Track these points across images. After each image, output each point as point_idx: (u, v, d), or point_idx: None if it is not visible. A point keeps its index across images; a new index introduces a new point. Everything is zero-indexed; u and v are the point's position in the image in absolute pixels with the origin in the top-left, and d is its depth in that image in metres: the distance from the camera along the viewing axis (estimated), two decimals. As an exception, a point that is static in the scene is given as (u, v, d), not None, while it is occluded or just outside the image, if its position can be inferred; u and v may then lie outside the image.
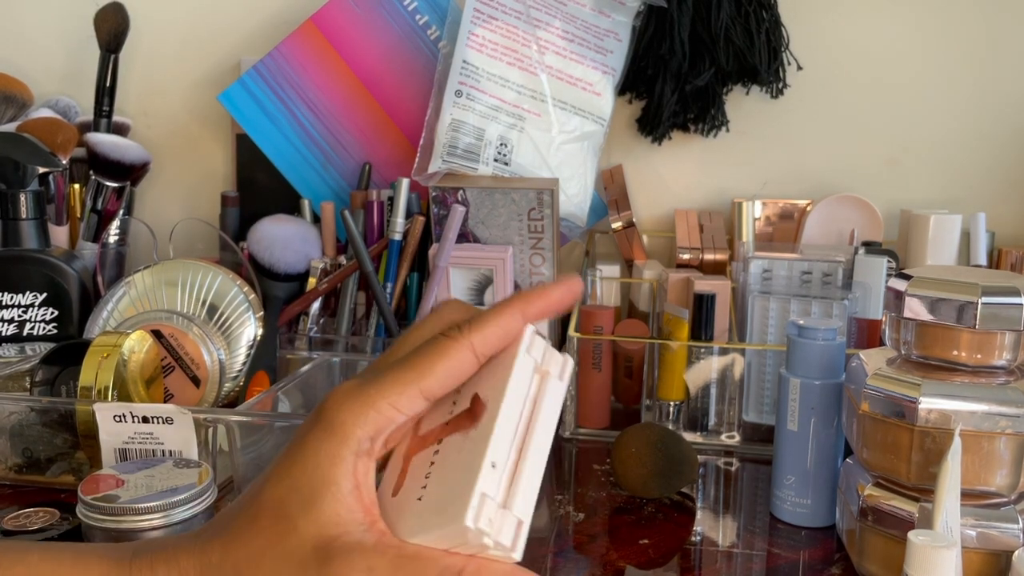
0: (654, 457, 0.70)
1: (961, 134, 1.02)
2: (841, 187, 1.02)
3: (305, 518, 0.36)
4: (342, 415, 0.37)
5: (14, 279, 0.89)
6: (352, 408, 0.37)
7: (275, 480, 0.37)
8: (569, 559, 0.64)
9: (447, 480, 0.37)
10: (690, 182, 1.06)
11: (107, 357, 0.72)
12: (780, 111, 1.02)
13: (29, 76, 1.10)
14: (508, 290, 0.92)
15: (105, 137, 1.03)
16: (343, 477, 0.36)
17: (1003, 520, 0.55)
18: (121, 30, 1.06)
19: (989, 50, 1.00)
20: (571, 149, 0.95)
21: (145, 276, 0.86)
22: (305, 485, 0.36)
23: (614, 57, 0.96)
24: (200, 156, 1.14)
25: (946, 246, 0.91)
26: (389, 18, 1.01)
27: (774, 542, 0.66)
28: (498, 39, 0.94)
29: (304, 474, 0.37)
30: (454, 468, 0.37)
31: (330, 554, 0.36)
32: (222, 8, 1.10)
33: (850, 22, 1.01)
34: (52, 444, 0.72)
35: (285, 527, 0.36)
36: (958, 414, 0.55)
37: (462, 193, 0.91)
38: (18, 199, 0.91)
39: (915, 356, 0.58)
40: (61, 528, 0.60)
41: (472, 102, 0.92)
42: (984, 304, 0.55)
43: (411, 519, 0.37)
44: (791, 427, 0.68)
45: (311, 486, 0.36)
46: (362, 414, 0.37)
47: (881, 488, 0.59)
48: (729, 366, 0.84)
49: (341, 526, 0.36)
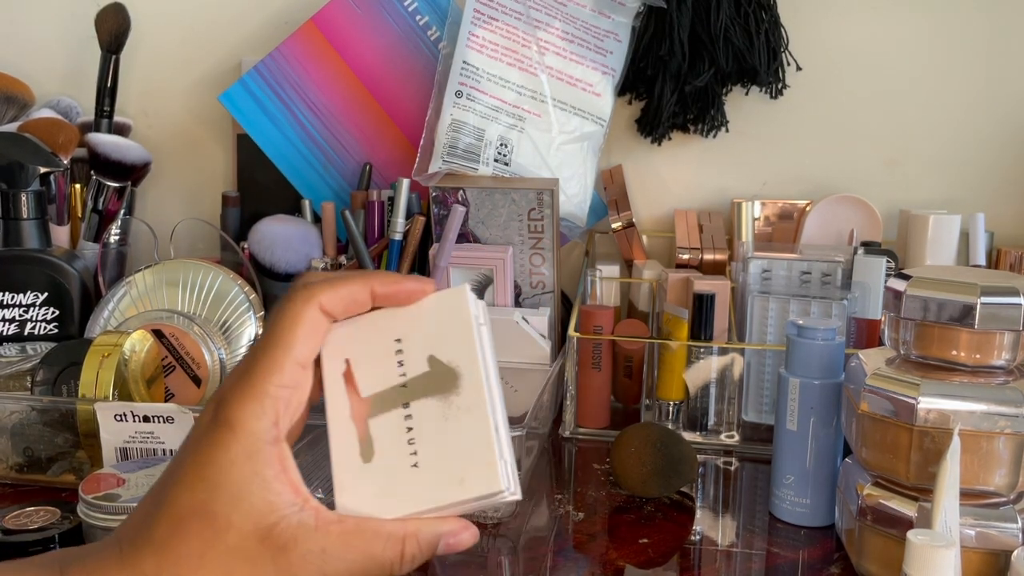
0: (654, 457, 0.70)
1: (960, 134, 1.02)
2: (840, 187, 1.02)
3: (238, 513, 0.37)
4: (238, 413, 0.37)
5: (15, 279, 0.89)
6: (244, 403, 0.38)
7: (189, 485, 0.37)
8: (569, 558, 0.64)
9: (451, 448, 0.39)
10: (690, 182, 1.06)
11: (108, 356, 0.72)
12: (779, 112, 1.03)
13: (30, 76, 1.10)
14: (508, 290, 0.92)
15: (106, 137, 1.03)
16: (264, 467, 0.37)
17: (1002, 520, 0.55)
18: (122, 30, 1.06)
19: (989, 50, 1.00)
20: (571, 149, 0.95)
21: (146, 276, 0.86)
22: (226, 484, 0.37)
23: (614, 58, 0.96)
24: (201, 156, 1.14)
25: (945, 246, 0.91)
26: (389, 19, 1.01)
27: (773, 541, 0.66)
28: (498, 40, 0.94)
29: (222, 473, 0.37)
30: (455, 436, 0.39)
31: (278, 543, 0.36)
32: (223, 8, 1.10)
33: (849, 23, 1.01)
34: (53, 443, 0.72)
35: (220, 525, 0.36)
36: (957, 414, 0.55)
37: (462, 193, 0.91)
38: (19, 199, 0.91)
39: (914, 356, 0.58)
40: (62, 527, 0.60)
41: (472, 102, 0.93)
42: (983, 304, 0.55)
43: (414, 487, 0.38)
44: (790, 427, 0.68)
45: (234, 483, 0.37)
46: (256, 405, 0.38)
47: (880, 488, 0.59)
48: (728, 366, 0.84)
49: (276, 512, 0.37)
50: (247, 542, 0.36)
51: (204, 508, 0.37)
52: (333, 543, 0.37)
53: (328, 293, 0.40)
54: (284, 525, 0.37)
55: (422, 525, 0.39)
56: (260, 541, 0.36)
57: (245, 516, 0.36)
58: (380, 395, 0.41)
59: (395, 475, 0.39)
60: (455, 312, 0.41)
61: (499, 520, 0.68)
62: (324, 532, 0.37)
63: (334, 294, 0.40)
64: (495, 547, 0.65)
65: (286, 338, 0.39)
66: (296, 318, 0.39)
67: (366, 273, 0.42)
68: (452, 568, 0.63)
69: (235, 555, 0.36)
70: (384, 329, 0.42)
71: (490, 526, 0.68)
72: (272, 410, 0.38)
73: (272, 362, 0.38)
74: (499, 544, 0.66)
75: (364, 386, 0.41)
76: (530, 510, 0.71)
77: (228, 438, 0.37)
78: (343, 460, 0.40)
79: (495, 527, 0.68)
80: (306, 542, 0.37)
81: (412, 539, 0.38)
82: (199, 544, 0.36)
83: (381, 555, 0.38)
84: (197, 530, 0.37)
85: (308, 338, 0.39)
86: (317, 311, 0.39)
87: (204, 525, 0.37)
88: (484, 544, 0.66)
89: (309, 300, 0.39)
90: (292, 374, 0.38)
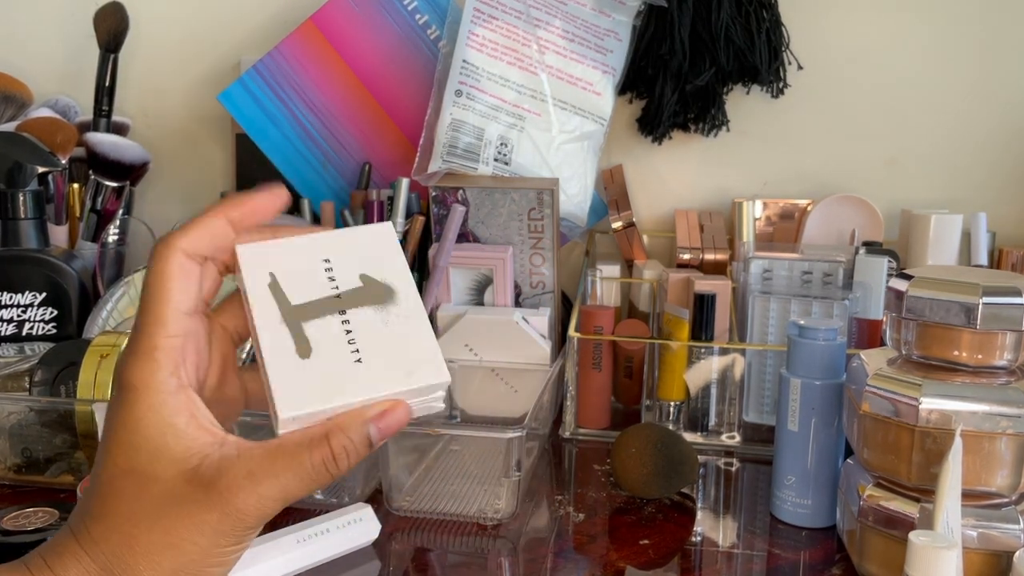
0: (654, 457, 0.70)
1: (962, 134, 1.02)
2: (841, 187, 1.01)
3: (160, 464, 0.37)
4: (135, 372, 0.38)
5: (13, 279, 0.89)
6: (137, 362, 0.38)
7: (111, 452, 0.38)
8: (569, 559, 0.63)
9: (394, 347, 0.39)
10: (690, 182, 1.06)
11: (106, 357, 0.72)
12: (780, 111, 1.02)
13: (29, 76, 1.10)
14: (508, 290, 0.92)
15: (104, 137, 1.03)
16: (172, 416, 0.38)
17: (1004, 520, 0.55)
18: (120, 30, 1.06)
19: (990, 50, 1.00)
20: (571, 149, 0.95)
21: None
22: (142, 441, 0.37)
23: (614, 57, 0.96)
24: (200, 156, 1.14)
25: (947, 246, 0.91)
26: (389, 18, 1.01)
27: (774, 542, 0.66)
28: (498, 39, 0.93)
29: (135, 433, 0.37)
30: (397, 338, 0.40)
31: (205, 479, 0.37)
32: (222, 8, 1.10)
33: (850, 22, 1.01)
34: (51, 444, 0.72)
35: (145, 480, 0.37)
36: (959, 414, 0.55)
37: (462, 193, 0.91)
38: (17, 199, 0.91)
39: (916, 356, 0.58)
40: (60, 528, 0.60)
41: (472, 102, 0.92)
42: (985, 304, 0.55)
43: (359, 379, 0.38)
44: (791, 427, 0.68)
45: (148, 439, 0.37)
46: (149, 361, 0.38)
47: (882, 488, 0.59)
48: (729, 366, 0.84)
49: (197, 453, 0.37)
50: (175, 487, 0.37)
51: (129, 468, 0.37)
52: (258, 464, 0.37)
53: (186, 237, 0.40)
54: (207, 463, 0.37)
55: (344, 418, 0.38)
56: (187, 482, 0.37)
57: (167, 465, 0.37)
58: (313, 303, 0.40)
59: (337, 369, 0.39)
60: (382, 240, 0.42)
61: (499, 521, 0.68)
62: (248, 457, 0.37)
63: (191, 235, 0.40)
64: (495, 548, 0.65)
65: (160, 291, 0.39)
66: (164, 270, 0.39)
67: (216, 204, 0.42)
68: (452, 568, 0.63)
69: (167, 501, 0.37)
70: (307, 250, 0.42)
71: (490, 527, 0.68)
72: (167, 361, 0.38)
73: (154, 317, 0.39)
74: (499, 545, 0.66)
75: (294, 296, 0.41)
76: (530, 511, 0.71)
77: (132, 398, 0.38)
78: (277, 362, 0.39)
79: (495, 528, 0.67)
80: (231, 471, 0.37)
81: (337, 433, 0.38)
82: (131, 501, 0.37)
83: (310, 459, 0.37)
84: (128, 489, 0.37)
85: (182, 285, 0.40)
86: (181, 257, 0.40)
87: (131, 483, 0.37)
88: (484, 545, 0.65)
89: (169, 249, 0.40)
90: (178, 323, 0.39)
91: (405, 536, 0.66)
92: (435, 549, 0.65)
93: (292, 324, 0.40)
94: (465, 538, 0.66)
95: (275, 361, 0.39)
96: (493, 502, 0.70)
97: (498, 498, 0.70)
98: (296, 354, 0.39)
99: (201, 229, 0.41)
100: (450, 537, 0.66)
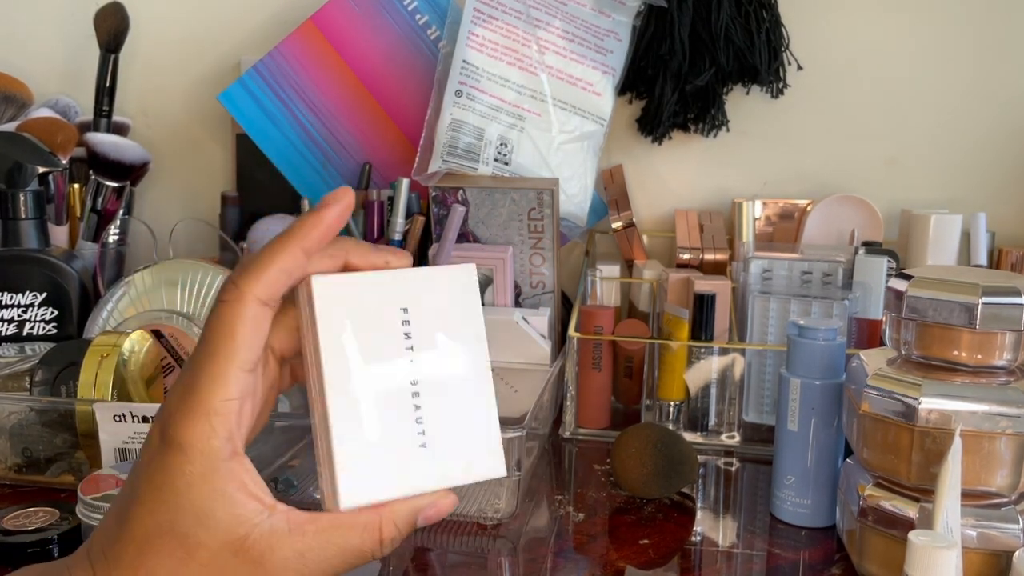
0: (654, 457, 0.70)
1: (961, 134, 1.02)
2: (841, 187, 1.02)
3: (206, 531, 0.35)
4: (187, 434, 0.36)
5: (14, 279, 0.89)
6: (191, 424, 0.35)
7: (150, 507, 0.36)
8: (569, 559, 0.63)
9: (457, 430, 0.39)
10: (690, 182, 1.06)
11: (107, 357, 0.72)
12: (780, 111, 1.02)
13: (29, 76, 1.10)
14: (508, 290, 0.92)
15: (105, 137, 1.03)
16: (223, 484, 0.36)
17: (1004, 520, 0.55)
18: (121, 30, 1.06)
19: (989, 50, 1.00)
20: (571, 149, 0.95)
21: (145, 276, 0.86)
22: (187, 505, 0.35)
23: (614, 57, 0.96)
24: (200, 156, 1.14)
25: (946, 246, 0.91)
26: (389, 18, 1.01)
27: (774, 542, 0.66)
28: (498, 39, 0.93)
29: (181, 496, 0.35)
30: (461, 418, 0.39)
31: (253, 554, 0.36)
32: (222, 8, 1.10)
33: (850, 22, 1.01)
34: (52, 444, 0.72)
35: (189, 544, 0.35)
36: (958, 414, 0.55)
37: (462, 193, 0.91)
38: (18, 199, 0.91)
39: (915, 356, 0.58)
40: (60, 528, 0.60)
41: (472, 102, 0.92)
42: (984, 304, 0.55)
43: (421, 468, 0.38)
44: (791, 427, 0.68)
45: (195, 504, 0.35)
46: (205, 424, 0.35)
47: (881, 488, 0.59)
48: (729, 366, 0.84)
49: (245, 524, 0.36)
50: (220, 557, 0.35)
51: (170, 528, 0.36)
52: (310, 543, 0.36)
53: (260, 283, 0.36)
54: (256, 535, 0.36)
55: (397, 507, 0.38)
56: (234, 555, 0.35)
57: (213, 533, 0.35)
58: (386, 366, 0.38)
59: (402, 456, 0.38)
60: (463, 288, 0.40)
61: (499, 521, 0.68)
62: (299, 534, 0.36)
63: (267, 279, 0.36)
64: (495, 548, 0.65)
65: (226, 347, 0.36)
66: (233, 322, 0.36)
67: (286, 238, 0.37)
68: (452, 568, 0.63)
69: (210, 571, 0.36)
70: (385, 293, 0.39)
71: (490, 527, 0.68)
72: (223, 427, 0.36)
73: (215, 376, 0.36)
74: (499, 545, 0.66)
75: (367, 352, 0.38)
76: (530, 511, 0.71)
77: (181, 460, 0.35)
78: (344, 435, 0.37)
79: (495, 528, 0.67)
80: (282, 548, 0.36)
81: (389, 523, 0.37)
82: (172, 563, 0.36)
83: (360, 545, 0.37)
84: (167, 550, 0.36)
85: (251, 342, 0.36)
86: (255, 307, 0.36)
87: (174, 545, 0.36)
88: (484, 545, 0.65)
89: (242, 297, 0.36)
90: (239, 384, 0.36)
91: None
92: (435, 549, 0.65)
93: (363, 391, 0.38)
94: (465, 538, 0.66)
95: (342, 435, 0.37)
96: (493, 502, 0.70)
97: (498, 498, 0.70)
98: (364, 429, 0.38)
99: (277, 272, 0.37)
100: (450, 537, 0.66)
